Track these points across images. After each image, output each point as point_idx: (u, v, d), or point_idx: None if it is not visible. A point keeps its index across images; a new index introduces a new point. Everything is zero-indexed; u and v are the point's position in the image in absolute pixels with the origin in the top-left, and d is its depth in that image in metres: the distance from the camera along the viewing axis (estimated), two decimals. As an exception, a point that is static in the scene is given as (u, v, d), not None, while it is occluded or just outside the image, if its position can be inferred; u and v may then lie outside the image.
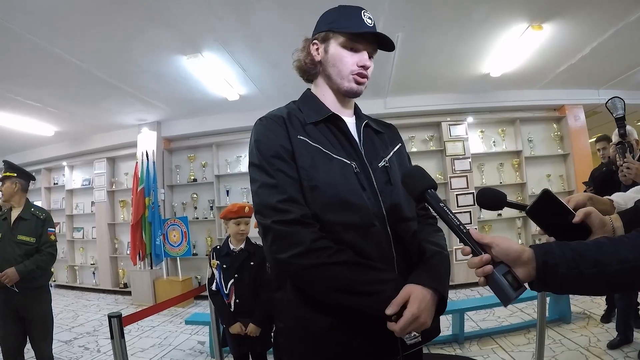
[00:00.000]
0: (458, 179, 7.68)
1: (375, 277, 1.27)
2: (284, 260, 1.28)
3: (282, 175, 1.35)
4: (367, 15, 1.49)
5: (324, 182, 1.36)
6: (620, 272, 0.98)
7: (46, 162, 10.24)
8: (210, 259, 3.44)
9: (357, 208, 1.36)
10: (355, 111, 1.64)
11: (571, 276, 1.00)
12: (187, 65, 5.54)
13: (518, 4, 4.52)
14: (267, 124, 1.45)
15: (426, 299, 1.24)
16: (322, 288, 1.29)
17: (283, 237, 1.29)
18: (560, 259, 1.01)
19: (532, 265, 1.03)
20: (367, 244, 1.34)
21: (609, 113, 2.60)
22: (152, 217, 7.67)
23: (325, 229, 1.32)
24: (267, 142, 1.40)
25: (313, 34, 1.58)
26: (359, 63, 1.48)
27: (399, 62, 5.96)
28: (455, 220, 1.16)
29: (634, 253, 0.99)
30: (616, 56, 6.12)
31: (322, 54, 1.53)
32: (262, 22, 4.60)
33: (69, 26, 4.31)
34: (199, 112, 7.93)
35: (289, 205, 1.30)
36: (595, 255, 1.00)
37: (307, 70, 1.59)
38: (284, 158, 1.37)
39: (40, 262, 3.76)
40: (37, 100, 6.49)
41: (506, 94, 7.69)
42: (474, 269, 1.08)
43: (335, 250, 1.27)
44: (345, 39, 1.47)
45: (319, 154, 1.40)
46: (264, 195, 1.35)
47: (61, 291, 9.52)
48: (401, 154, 1.65)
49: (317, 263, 1.24)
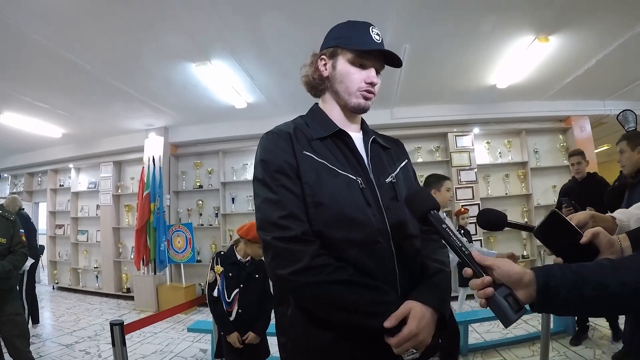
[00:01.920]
0: (464, 189, 7.67)
1: (377, 299, 1.26)
2: (284, 277, 1.28)
3: (285, 191, 1.35)
4: (375, 32, 1.49)
5: (329, 198, 1.35)
6: (621, 294, 0.99)
7: (53, 164, 10.29)
8: (214, 264, 3.39)
9: (362, 225, 1.35)
10: (362, 126, 1.64)
11: (572, 298, 1.00)
12: (196, 72, 5.57)
13: (525, 17, 4.54)
14: (273, 138, 1.45)
15: (425, 317, 1.25)
16: (322, 305, 1.29)
17: (283, 253, 1.29)
18: (561, 281, 1.01)
19: (533, 288, 1.03)
20: (371, 260, 1.34)
21: (614, 124, 2.59)
22: (157, 222, 7.66)
23: (329, 245, 1.32)
24: (272, 158, 1.40)
25: (321, 49, 1.58)
26: (367, 80, 1.48)
27: (406, 73, 5.97)
28: (457, 242, 1.17)
29: (636, 275, 0.99)
30: (622, 67, 6.12)
31: (330, 70, 1.53)
32: (271, 31, 4.63)
33: (80, 31, 4.35)
34: (206, 119, 7.96)
35: (290, 222, 1.30)
36: (597, 277, 1.00)
37: (314, 85, 1.59)
38: (287, 174, 1.37)
39: (15, 262, 3.78)
40: (46, 102, 6.54)
41: (512, 105, 7.69)
42: (476, 290, 1.09)
43: (334, 268, 1.26)
44: (354, 56, 1.47)
45: (324, 169, 1.39)
46: (265, 211, 1.35)
47: (63, 294, 9.56)
48: (407, 170, 1.64)
49: (316, 281, 1.24)
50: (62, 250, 10.30)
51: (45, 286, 10.61)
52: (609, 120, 8.12)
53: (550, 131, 8.20)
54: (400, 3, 4.15)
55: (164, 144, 8.32)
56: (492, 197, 7.88)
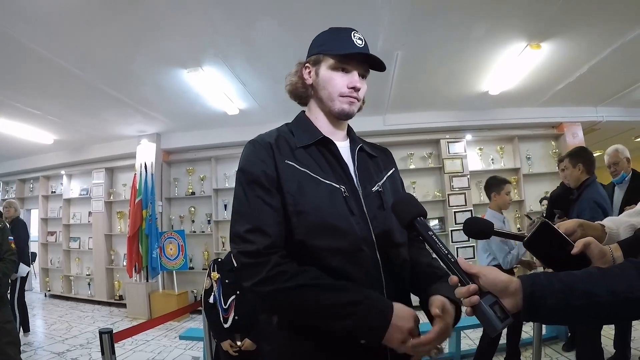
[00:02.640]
0: (456, 196, 7.69)
1: (342, 299, 1.22)
2: (249, 289, 1.29)
3: (259, 202, 1.35)
4: (357, 36, 1.49)
5: (311, 207, 1.35)
6: (610, 303, 0.98)
7: (44, 170, 10.24)
8: (211, 271, 3.41)
9: (345, 233, 1.34)
10: (349, 134, 1.64)
11: (559, 307, 1.00)
12: (188, 78, 5.57)
13: (516, 24, 4.57)
14: (254, 148, 1.44)
15: (450, 313, 1.27)
16: (288, 312, 1.30)
17: (246, 266, 1.29)
18: (548, 290, 1.01)
19: (520, 296, 1.03)
20: (355, 269, 1.33)
21: (606, 130, 2.62)
22: (149, 229, 7.63)
23: (312, 254, 1.32)
24: (249, 167, 1.40)
25: (306, 58, 1.59)
26: (349, 84, 1.47)
27: (398, 79, 5.99)
28: (443, 249, 1.17)
29: (624, 283, 0.99)
30: (614, 74, 6.17)
31: (314, 77, 1.54)
32: (262, 38, 4.64)
33: (72, 37, 4.34)
34: (198, 126, 7.95)
35: (254, 236, 1.30)
36: (585, 286, 1.00)
37: (299, 94, 1.60)
38: (263, 185, 1.36)
39: (5, 269, 3.77)
40: (38, 108, 6.51)
41: (505, 112, 7.73)
42: (461, 298, 1.09)
43: (292, 274, 1.25)
44: (335, 61, 1.48)
45: (306, 178, 1.39)
46: (234, 223, 1.37)
47: (55, 301, 9.49)
48: (394, 178, 1.64)
49: (275, 288, 1.24)
50: (54, 258, 10.22)
51: (37, 294, 10.54)
52: (601, 126, 8.19)
53: (542, 137, 8.25)
54: (392, 10, 4.16)
55: (156, 150, 8.29)
56: (485, 204, 7.81)
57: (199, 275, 8.23)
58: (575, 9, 4.22)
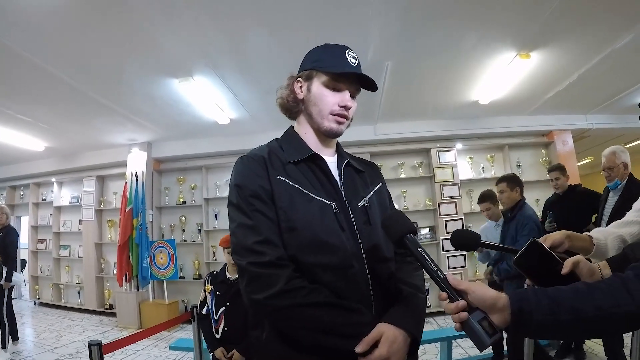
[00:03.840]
0: (447, 205, 7.70)
1: (354, 320, 1.26)
2: (259, 302, 1.28)
3: (260, 215, 1.35)
4: (351, 55, 1.49)
5: (303, 223, 1.35)
6: (597, 319, 0.99)
7: (35, 177, 10.15)
8: (205, 283, 3.50)
9: (336, 249, 1.35)
10: (337, 149, 1.64)
11: (547, 322, 1.01)
12: (179, 88, 5.57)
13: (506, 34, 4.61)
14: (248, 163, 1.45)
15: (398, 341, 1.24)
16: (299, 328, 1.28)
17: (258, 278, 1.28)
18: (536, 305, 1.01)
19: (508, 312, 1.04)
20: (345, 285, 1.33)
21: (596, 137, 2.62)
22: (140, 238, 7.58)
23: (304, 270, 1.32)
24: (247, 182, 1.40)
25: (299, 72, 1.58)
26: (340, 103, 1.48)
27: (388, 89, 6.02)
28: (432, 265, 1.17)
29: (610, 299, 1.00)
30: (603, 82, 6.22)
31: (305, 92, 1.53)
32: (253, 48, 4.65)
33: (63, 45, 4.34)
34: (189, 135, 7.94)
35: (265, 247, 1.30)
36: (572, 302, 1.01)
37: (289, 108, 1.59)
38: (262, 198, 1.37)
39: None
40: (29, 115, 6.48)
41: (495, 121, 7.77)
42: (450, 314, 1.09)
43: (309, 290, 1.26)
44: (328, 79, 1.47)
45: (298, 194, 1.39)
46: (240, 236, 1.35)
47: (45, 309, 9.40)
48: (381, 193, 1.64)
49: (292, 304, 1.24)
50: (43, 265, 10.14)
51: (26, 301, 10.45)
52: (591, 133, 8.25)
53: (532, 146, 8.29)
54: (383, 21, 4.19)
55: (147, 159, 8.25)
56: (476, 212, 7.85)
57: (189, 285, 8.22)
58: (564, 18, 4.25)
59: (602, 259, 1.65)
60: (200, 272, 8.24)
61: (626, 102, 7.22)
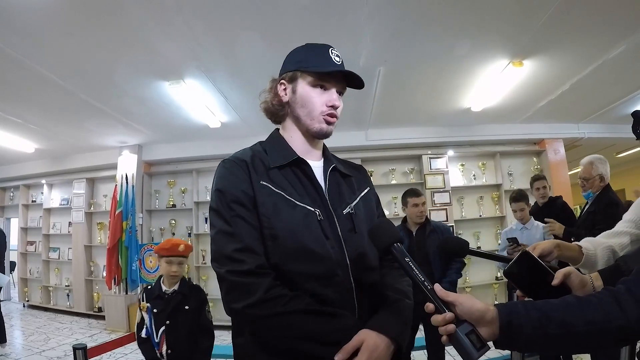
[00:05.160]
0: (438, 212, 7.68)
1: (335, 326, 1.24)
2: (239, 311, 1.26)
3: (241, 222, 1.32)
4: (334, 53, 1.47)
5: (286, 231, 1.33)
6: (586, 333, 0.98)
7: (25, 179, 10.10)
8: (140, 301, 3.05)
9: (320, 257, 1.33)
10: (324, 153, 1.60)
11: (536, 336, 0.99)
12: (169, 91, 5.55)
13: (499, 42, 4.61)
14: (230, 167, 1.41)
15: (379, 349, 1.21)
16: (280, 337, 1.25)
17: (237, 287, 1.26)
18: (525, 319, 1.00)
19: (496, 325, 1.02)
20: (329, 293, 1.31)
21: (588, 146, 2.58)
22: (129, 241, 7.55)
23: (287, 279, 1.30)
24: (228, 187, 1.37)
25: (280, 74, 1.55)
26: (328, 103, 1.45)
27: (380, 95, 6.02)
28: (419, 276, 1.14)
29: (601, 314, 0.99)
30: (596, 91, 6.24)
31: (290, 95, 1.49)
32: (244, 52, 4.64)
33: (53, 46, 4.31)
34: (180, 138, 7.91)
35: (244, 255, 1.27)
36: (562, 316, 1.00)
37: (274, 112, 1.55)
38: (244, 204, 1.34)
39: None
40: (19, 117, 6.44)
41: (487, 128, 7.78)
42: (437, 326, 1.07)
43: (289, 298, 1.24)
44: (314, 79, 1.44)
45: (281, 200, 1.36)
46: (220, 243, 1.33)
47: (34, 312, 9.34)
48: (368, 198, 1.60)
49: (272, 313, 1.22)
50: (33, 268, 10.05)
51: (15, 303, 10.38)
52: (583, 142, 8.26)
53: (524, 154, 8.30)
54: (375, 26, 4.19)
55: (137, 161, 8.21)
56: (466, 219, 7.92)
57: (179, 289, 8.13)
58: (558, 27, 4.26)
59: (592, 269, 1.65)
60: (190, 275, 8.17)
61: (618, 112, 7.24)
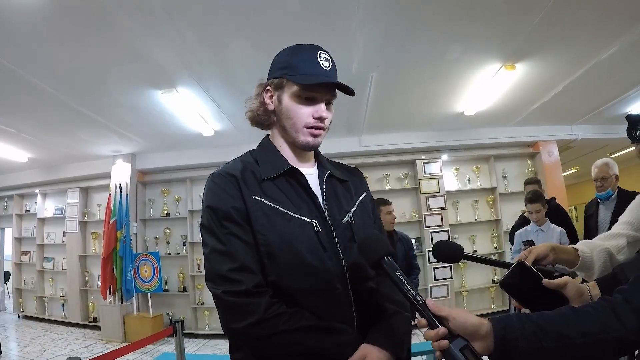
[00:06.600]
0: (432, 216, 7.69)
1: (337, 342, 1.22)
2: (239, 331, 1.23)
3: (235, 239, 1.27)
4: (324, 57, 1.38)
5: (282, 245, 1.29)
6: (584, 345, 0.96)
7: (18, 189, 10.03)
8: None
9: (318, 271, 1.30)
10: (317, 158, 1.55)
11: (532, 350, 0.97)
12: (162, 99, 5.53)
13: (491, 46, 4.62)
14: (220, 182, 1.35)
15: None
16: (282, 355, 1.23)
17: (235, 307, 1.23)
18: (520, 332, 0.98)
19: (491, 339, 0.99)
20: (328, 306, 1.29)
21: (581, 148, 2.57)
22: (124, 251, 7.52)
23: (285, 295, 1.27)
24: (219, 204, 1.31)
25: (267, 78, 1.47)
26: (315, 115, 1.37)
27: (373, 100, 6.01)
28: (411, 290, 1.11)
29: (598, 325, 0.97)
30: (588, 93, 6.26)
31: (276, 103, 1.42)
32: (236, 60, 4.64)
33: (46, 56, 4.29)
34: (173, 146, 7.89)
35: (241, 275, 1.23)
36: (558, 328, 0.98)
37: (260, 121, 1.49)
38: (236, 221, 1.29)
39: None
40: (12, 126, 6.40)
41: (480, 132, 7.80)
42: (430, 342, 1.05)
43: (289, 315, 1.22)
44: (300, 89, 1.35)
45: (276, 214, 1.31)
46: (214, 262, 1.28)
47: (29, 322, 9.29)
48: (365, 203, 1.55)
49: (272, 332, 1.19)
50: (27, 278, 9.99)
51: (10, 314, 10.33)
52: (576, 144, 8.29)
53: (518, 157, 8.33)
54: (367, 32, 4.18)
55: (131, 170, 8.18)
56: (462, 223, 7.94)
57: (174, 298, 8.16)
58: (549, 30, 4.27)
59: (588, 272, 1.65)
60: (185, 284, 8.16)
61: (611, 113, 7.27)
